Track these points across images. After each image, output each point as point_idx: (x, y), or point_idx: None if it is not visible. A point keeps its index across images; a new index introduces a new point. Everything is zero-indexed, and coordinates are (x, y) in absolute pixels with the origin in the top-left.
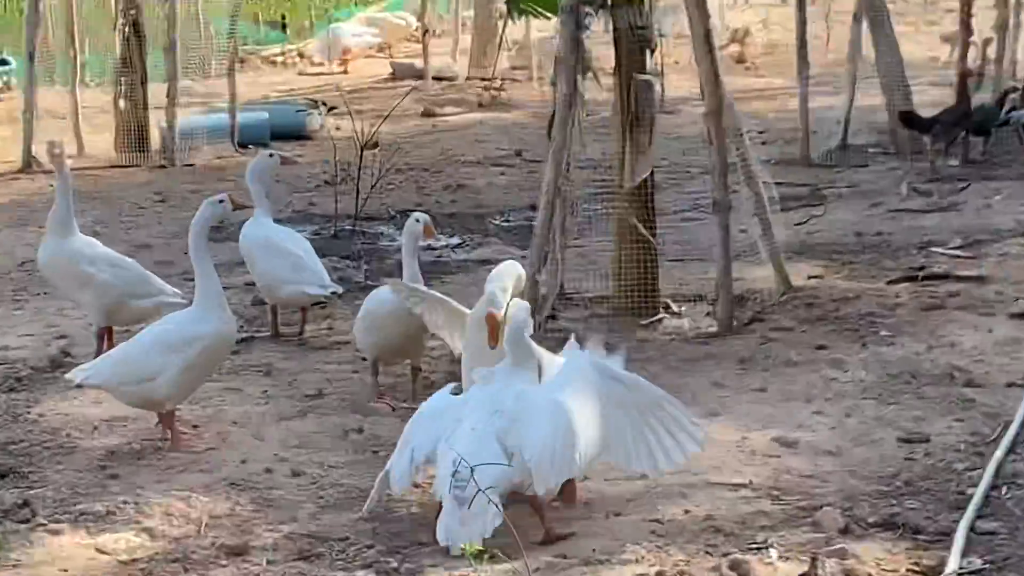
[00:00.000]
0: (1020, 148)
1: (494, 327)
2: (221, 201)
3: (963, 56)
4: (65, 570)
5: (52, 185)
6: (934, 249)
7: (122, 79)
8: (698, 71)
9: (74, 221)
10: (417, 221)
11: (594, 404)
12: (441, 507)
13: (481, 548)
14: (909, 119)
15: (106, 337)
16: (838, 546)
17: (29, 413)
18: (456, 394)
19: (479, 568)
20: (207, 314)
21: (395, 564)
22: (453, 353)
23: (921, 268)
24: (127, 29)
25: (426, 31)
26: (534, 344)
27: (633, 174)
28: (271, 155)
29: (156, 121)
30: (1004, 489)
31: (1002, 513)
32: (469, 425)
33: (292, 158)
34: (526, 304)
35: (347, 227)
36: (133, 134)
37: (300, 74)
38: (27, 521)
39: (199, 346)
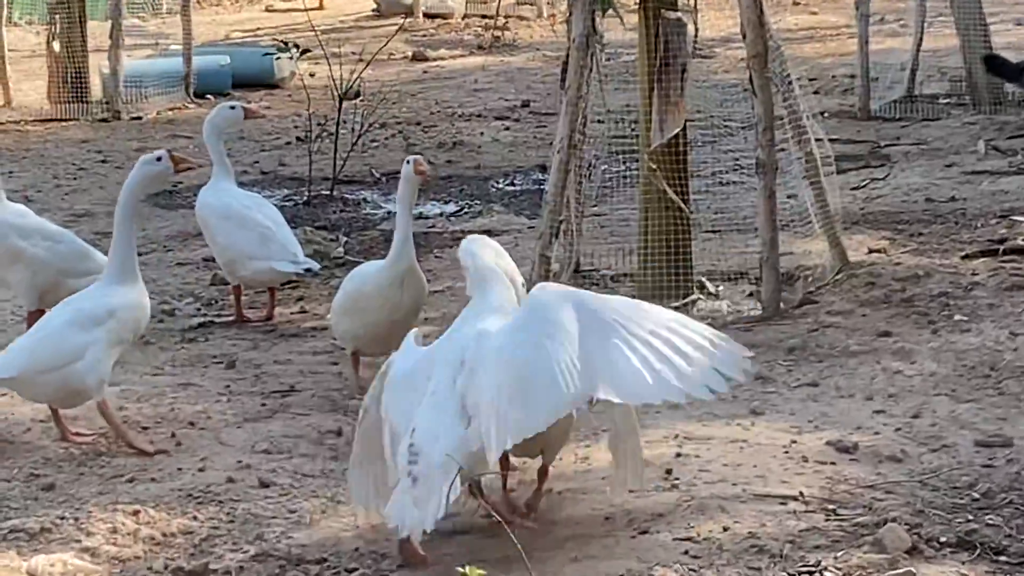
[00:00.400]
0: None
1: None
2: (159, 159)
3: None
4: None
5: None
6: (1017, 218)
7: (56, 16)
8: (738, 8)
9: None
10: (408, 163)
11: (561, 337)
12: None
13: (482, 573)
14: (993, 63)
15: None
16: (904, 569)
17: None
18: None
19: None
20: (120, 286)
21: None
22: None
23: (1002, 241)
24: None
25: None
26: (500, 271)
27: (662, 129)
28: (233, 107)
29: (97, 66)
30: None
31: None
32: (432, 385)
33: (258, 110)
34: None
35: (323, 192)
36: (70, 82)
37: (267, 10)
38: None
39: (120, 319)
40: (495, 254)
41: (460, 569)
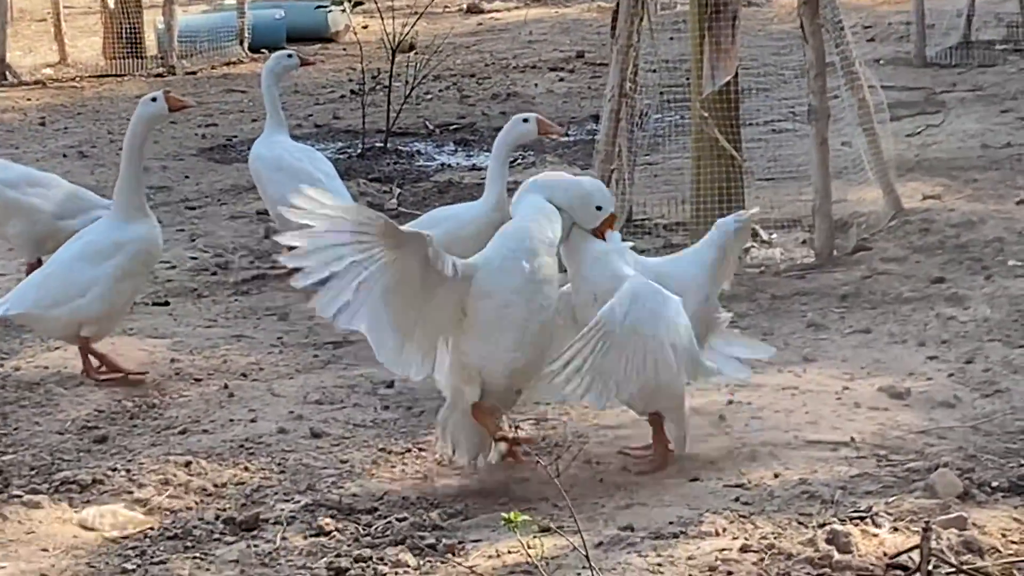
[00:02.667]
0: None
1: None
2: (154, 99)
3: None
4: (44, 549)
5: (30, 99)
6: None
7: None
8: None
9: None
10: (525, 121)
11: None
12: None
13: (530, 519)
14: None
15: None
16: (956, 514)
17: (2, 367)
18: None
19: (532, 544)
20: (129, 221)
21: (432, 540)
22: None
23: None
24: None
25: None
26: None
27: (713, 78)
28: (290, 55)
29: (152, 22)
30: None
31: None
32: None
33: (314, 59)
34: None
35: (377, 144)
36: (125, 38)
37: None
38: (0, 492)
39: (128, 252)
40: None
41: (504, 515)
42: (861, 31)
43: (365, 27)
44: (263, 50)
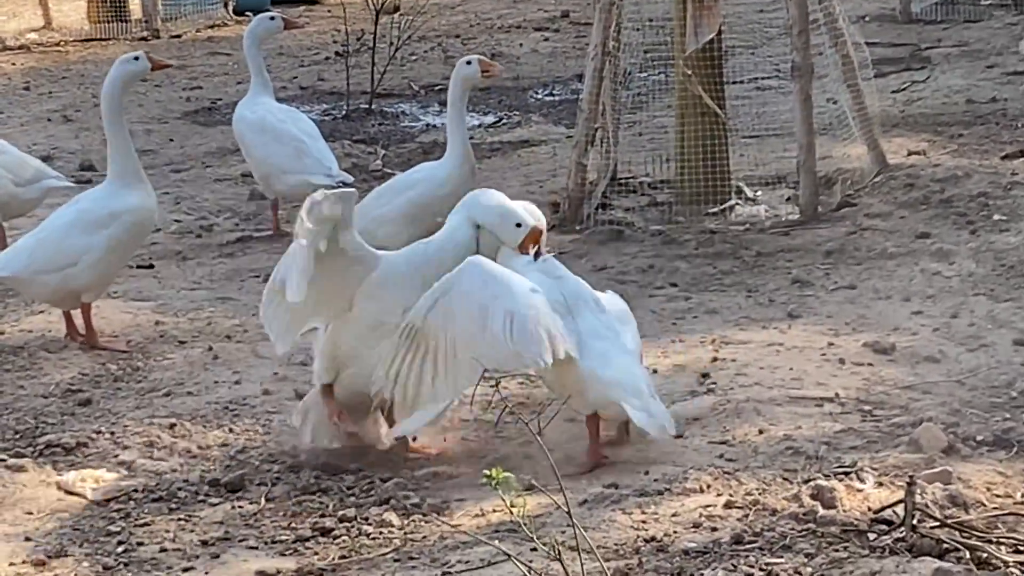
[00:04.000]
0: None
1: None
2: (136, 59)
3: None
4: (29, 513)
5: (14, 64)
6: None
7: None
8: None
9: None
10: (468, 63)
11: None
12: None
13: (509, 475)
14: None
15: None
16: (941, 468)
17: None
18: None
19: (515, 502)
20: (125, 189)
21: (416, 500)
22: None
23: None
24: None
25: None
26: None
27: (697, 35)
28: (272, 17)
29: None
30: None
31: None
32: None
33: (298, 20)
34: None
35: (361, 106)
36: (109, 2)
37: None
38: None
39: (123, 222)
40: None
41: (487, 472)
42: None
43: None
44: (248, 13)
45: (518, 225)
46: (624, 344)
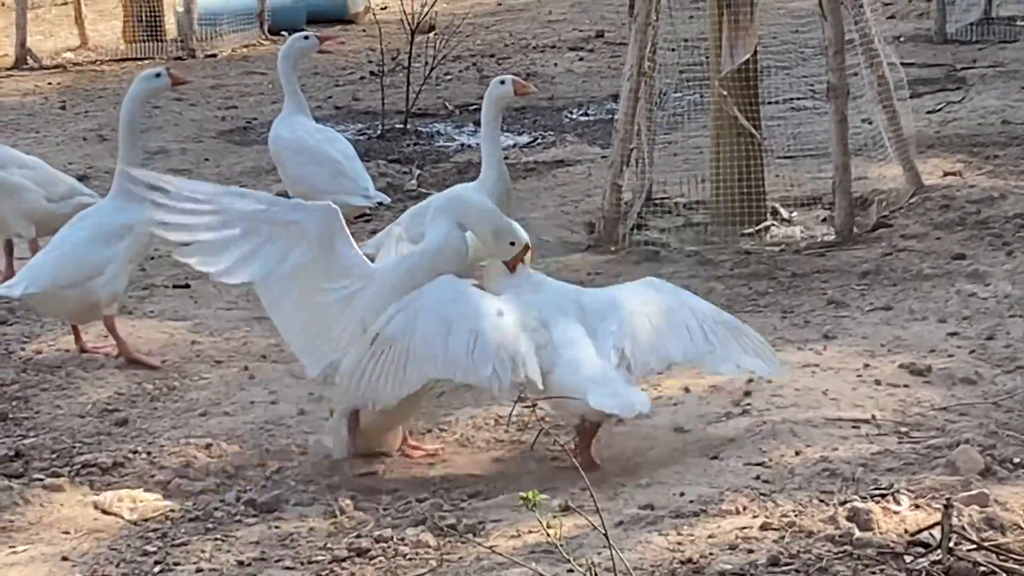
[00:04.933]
0: None
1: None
2: (158, 75)
3: None
4: (66, 532)
5: (50, 83)
6: None
7: None
8: None
9: None
10: (502, 83)
11: None
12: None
13: (546, 497)
14: None
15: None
16: (977, 491)
17: (23, 350)
18: None
19: (551, 523)
20: (133, 202)
21: (452, 520)
22: None
23: None
24: None
25: None
26: None
27: (732, 56)
28: (306, 36)
29: (171, 5)
30: None
31: None
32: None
33: (334, 36)
34: None
35: (396, 125)
36: (145, 21)
37: None
38: (20, 475)
39: (138, 234)
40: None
41: (523, 495)
42: (881, 8)
43: (384, 8)
44: (283, 32)
45: (512, 243)
46: (595, 346)
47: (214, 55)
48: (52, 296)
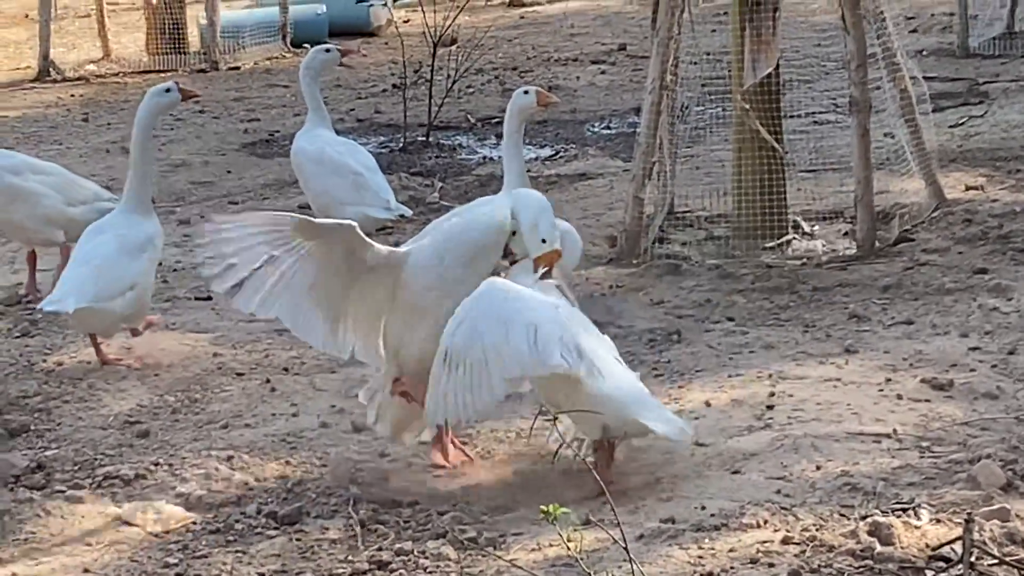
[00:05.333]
0: None
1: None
2: (168, 90)
3: None
4: (87, 545)
5: (73, 95)
6: None
7: None
8: None
9: None
10: (526, 93)
11: None
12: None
13: (567, 511)
14: None
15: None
16: (999, 506)
17: (45, 362)
18: None
19: (572, 537)
20: (145, 215)
21: (473, 533)
22: None
23: None
24: None
25: None
26: None
27: (755, 70)
28: (328, 49)
29: (195, 17)
30: None
31: None
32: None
33: (355, 49)
34: None
35: (419, 138)
36: (168, 33)
37: None
38: (43, 487)
39: (156, 245)
40: None
41: (544, 508)
42: (903, 22)
43: (407, 21)
44: (305, 45)
45: (543, 241)
46: (619, 361)
47: (237, 67)
48: (97, 311)
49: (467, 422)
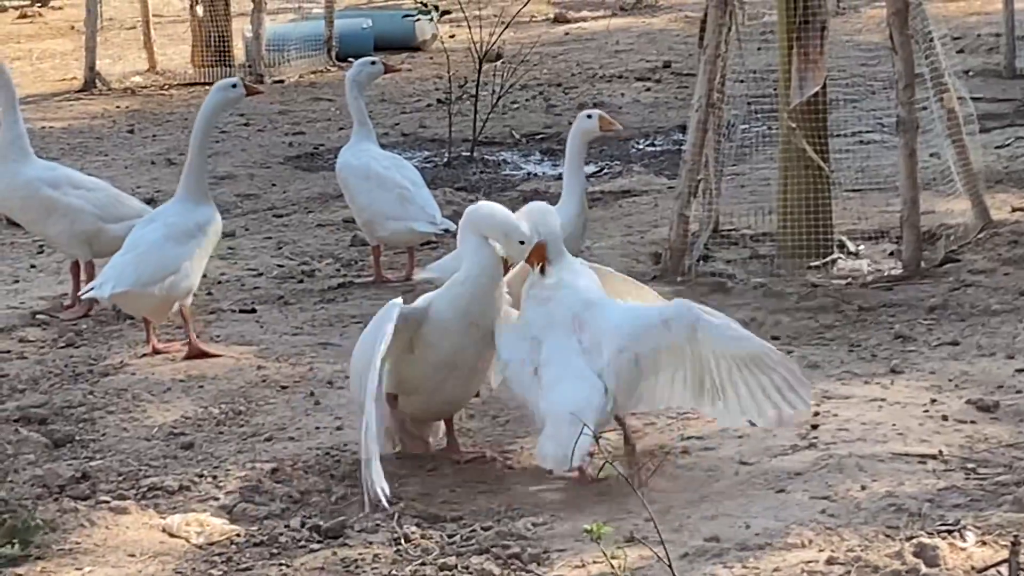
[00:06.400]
0: None
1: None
2: (234, 85)
3: None
4: (132, 555)
5: (119, 107)
6: None
7: None
8: None
9: (27, 142)
10: (589, 117)
11: None
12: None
13: (610, 529)
14: None
15: (82, 273)
16: None
17: (91, 372)
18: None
19: (616, 555)
20: (197, 204)
21: (516, 549)
22: None
23: None
24: None
25: None
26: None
27: (801, 88)
28: (373, 62)
29: (240, 30)
30: None
31: None
32: (555, 350)
33: (398, 66)
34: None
35: (463, 153)
36: (213, 46)
37: None
38: (87, 498)
39: (207, 232)
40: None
41: (587, 527)
42: (950, 42)
43: (452, 36)
44: (350, 59)
45: (521, 242)
46: (572, 364)
47: (281, 80)
48: (138, 295)
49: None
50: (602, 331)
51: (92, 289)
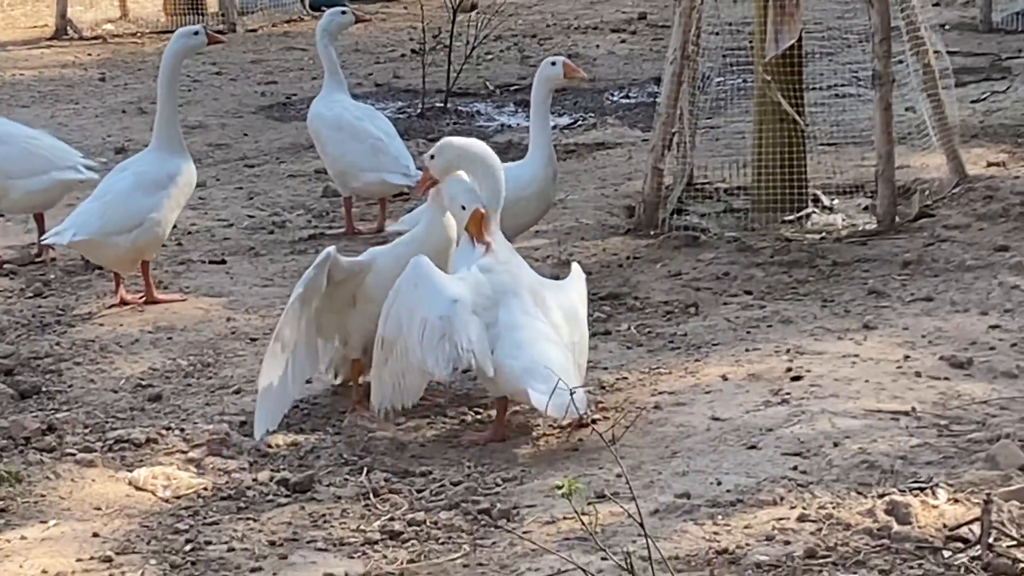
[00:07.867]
0: None
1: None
2: (196, 33)
3: None
4: (97, 508)
5: (90, 55)
6: None
7: None
8: None
9: None
10: (553, 64)
11: None
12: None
13: (581, 485)
14: None
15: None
16: (1018, 486)
17: (58, 323)
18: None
19: (586, 511)
20: (174, 155)
21: (486, 505)
22: None
23: None
24: None
25: None
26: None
27: (777, 41)
28: (343, 11)
29: None
30: None
31: None
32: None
33: (370, 16)
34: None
35: (437, 104)
36: None
37: None
38: (52, 450)
39: (178, 183)
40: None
41: (557, 483)
42: None
43: None
44: (323, 8)
45: (463, 207)
46: (542, 330)
47: (254, 30)
48: (100, 243)
49: (404, 407)
50: (564, 311)
51: (54, 235)
